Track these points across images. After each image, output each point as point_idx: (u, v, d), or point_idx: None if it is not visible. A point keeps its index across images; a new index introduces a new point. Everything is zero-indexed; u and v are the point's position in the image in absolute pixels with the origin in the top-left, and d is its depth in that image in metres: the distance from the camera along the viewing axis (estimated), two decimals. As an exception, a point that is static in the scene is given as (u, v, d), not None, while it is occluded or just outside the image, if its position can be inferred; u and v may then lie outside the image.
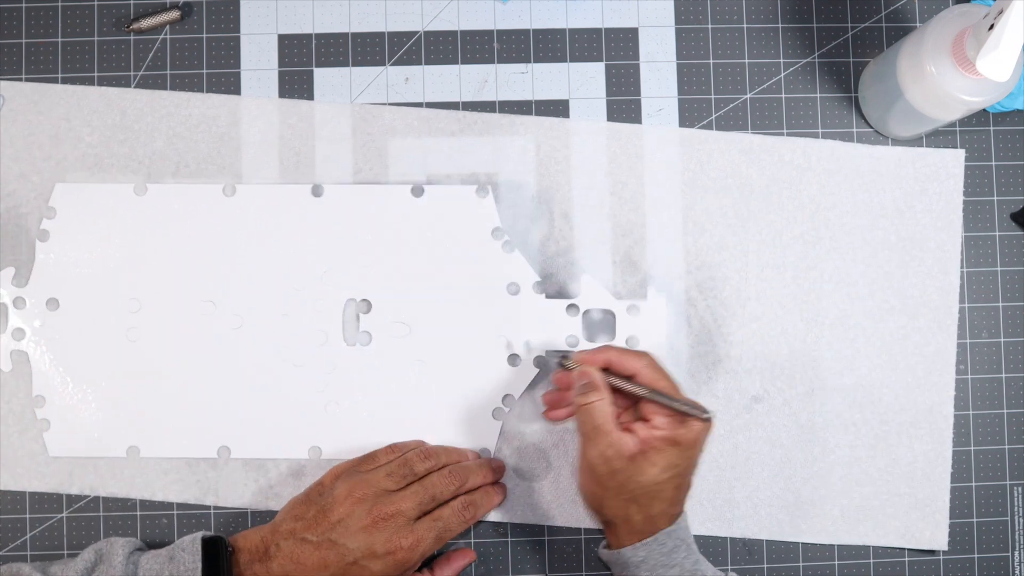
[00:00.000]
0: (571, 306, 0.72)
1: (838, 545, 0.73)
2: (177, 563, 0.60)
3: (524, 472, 0.72)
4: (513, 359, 0.72)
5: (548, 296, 0.72)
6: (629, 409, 0.67)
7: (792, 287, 0.73)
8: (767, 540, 0.73)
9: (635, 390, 0.64)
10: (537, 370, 0.72)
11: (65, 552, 0.72)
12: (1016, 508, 0.74)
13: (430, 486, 0.65)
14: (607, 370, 0.65)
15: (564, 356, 0.67)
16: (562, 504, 0.72)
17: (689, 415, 0.63)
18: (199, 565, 0.60)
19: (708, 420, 0.62)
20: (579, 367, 0.66)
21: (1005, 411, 0.74)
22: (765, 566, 0.73)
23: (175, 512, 0.72)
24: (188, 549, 0.61)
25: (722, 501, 0.72)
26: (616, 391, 0.65)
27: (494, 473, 0.70)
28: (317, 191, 0.73)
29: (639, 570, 0.62)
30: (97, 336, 0.72)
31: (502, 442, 0.72)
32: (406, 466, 0.66)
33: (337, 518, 0.63)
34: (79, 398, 0.72)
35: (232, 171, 0.73)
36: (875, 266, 0.73)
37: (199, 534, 0.62)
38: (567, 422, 0.71)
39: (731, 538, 0.73)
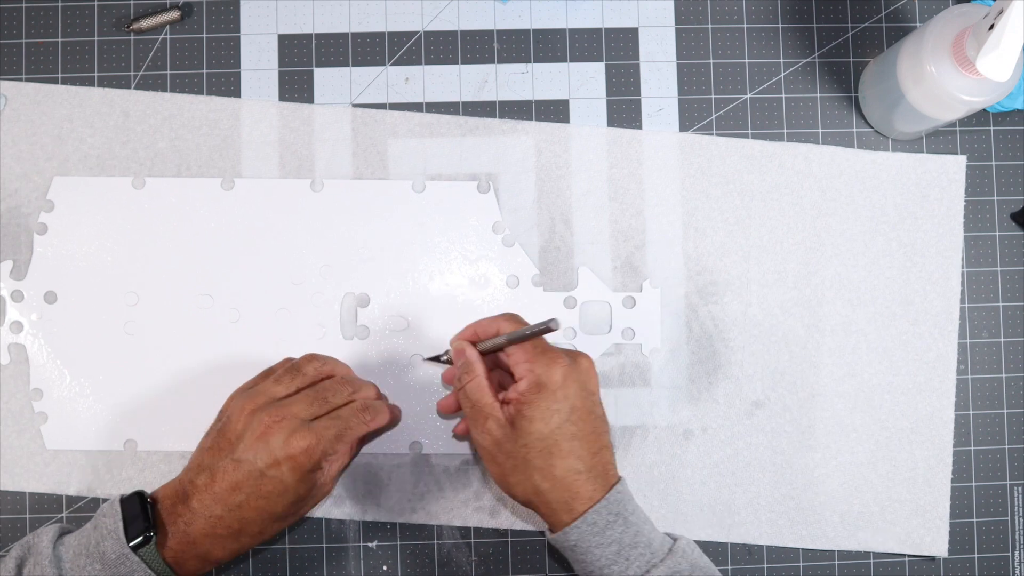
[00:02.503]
0: (568, 299, 0.72)
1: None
2: (100, 529, 0.59)
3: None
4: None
5: (546, 289, 0.73)
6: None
7: (793, 293, 0.73)
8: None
9: (493, 343, 0.63)
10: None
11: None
12: (1016, 508, 0.74)
13: (321, 389, 0.63)
14: (478, 343, 0.64)
15: (445, 352, 0.67)
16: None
17: (536, 333, 0.60)
18: (119, 525, 0.58)
19: (550, 327, 0.59)
20: (451, 349, 0.65)
21: (1005, 411, 0.74)
22: (765, 566, 0.73)
23: (175, 512, 0.72)
24: (108, 513, 0.59)
25: (722, 507, 0.72)
26: (492, 359, 0.64)
27: (385, 399, 0.69)
28: (316, 186, 0.73)
29: (575, 554, 0.61)
30: (95, 329, 0.72)
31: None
32: (294, 370, 0.64)
33: (235, 435, 0.61)
34: (77, 391, 0.72)
35: (233, 174, 0.73)
36: (876, 272, 0.73)
37: (117, 496, 0.61)
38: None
39: (731, 543, 0.73)
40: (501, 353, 0.64)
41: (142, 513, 0.59)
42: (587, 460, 0.60)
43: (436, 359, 0.70)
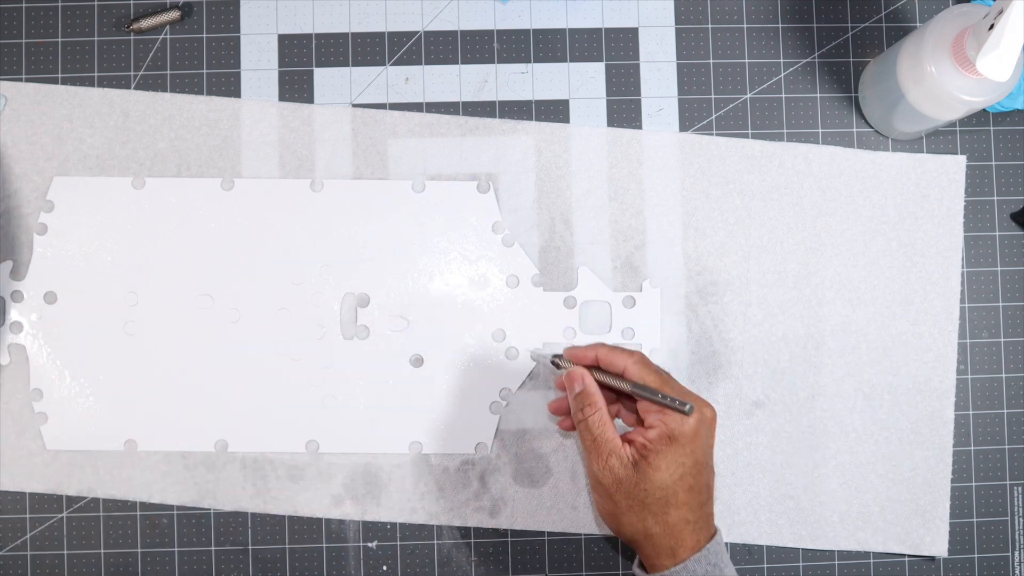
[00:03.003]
0: (568, 299, 0.72)
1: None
2: None
3: (523, 478, 0.72)
4: (511, 352, 0.72)
5: (546, 289, 0.73)
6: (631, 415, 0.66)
7: (793, 293, 0.73)
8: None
9: (621, 385, 0.63)
10: (534, 363, 0.72)
11: (65, 552, 0.72)
12: (1016, 508, 0.74)
13: None
14: (598, 368, 0.65)
15: (557, 356, 0.67)
16: (562, 510, 0.72)
17: (669, 407, 0.61)
18: None
19: (688, 411, 0.61)
20: (568, 368, 0.65)
21: (1005, 411, 0.74)
22: (765, 566, 0.73)
23: (175, 512, 0.72)
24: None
25: (722, 507, 0.72)
26: (608, 390, 0.65)
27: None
28: (316, 186, 0.73)
29: None
30: (95, 330, 0.72)
31: (500, 449, 0.72)
32: None
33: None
34: (77, 391, 0.72)
35: (232, 174, 0.73)
36: (876, 272, 0.73)
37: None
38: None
39: (731, 543, 0.73)
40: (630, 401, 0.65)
41: None
42: (697, 511, 0.61)
43: (553, 361, 0.68)
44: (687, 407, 0.61)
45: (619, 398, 0.66)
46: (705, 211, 0.74)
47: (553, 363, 0.67)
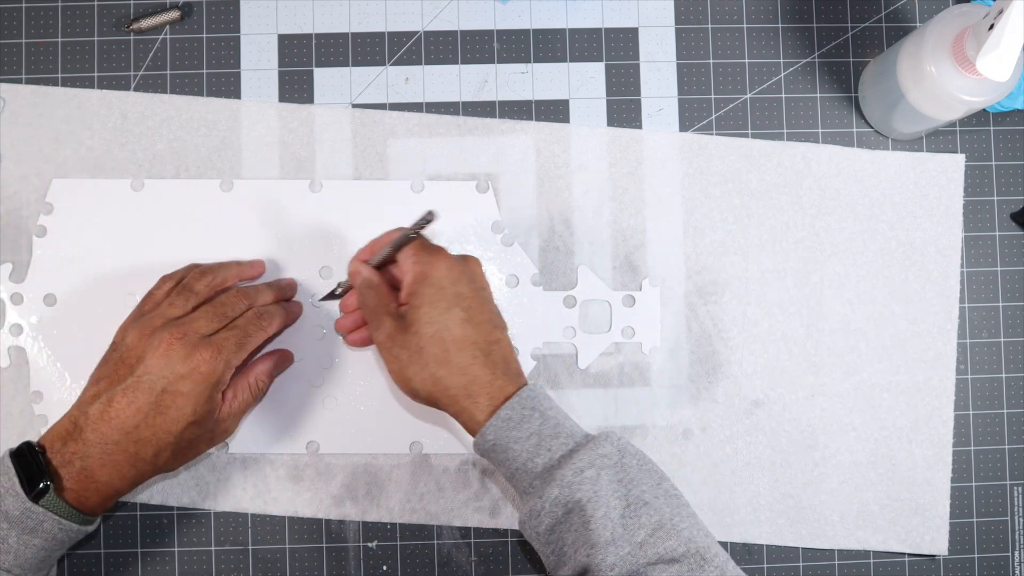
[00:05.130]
0: (568, 298, 0.73)
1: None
2: None
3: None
4: None
5: (546, 289, 0.73)
6: None
7: (792, 292, 0.73)
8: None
9: (382, 254, 0.64)
10: (535, 362, 0.72)
11: (65, 552, 0.72)
12: (1016, 508, 0.74)
13: (219, 304, 0.64)
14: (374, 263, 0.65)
15: (337, 285, 0.68)
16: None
17: (415, 227, 0.61)
18: (15, 481, 0.57)
19: (427, 218, 0.61)
20: (345, 285, 0.66)
21: (1005, 411, 0.74)
22: (765, 566, 0.73)
23: (175, 512, 0.72)
24: (1, 471, 0.58)
25: (722, 506, 0.72)
26: (390, 279, 0.65)
27: (283, 291, 0.69)
28: (315, 186, 0.73)
29: (495, 454, 0.60)
30: (95, 331, 0.71)
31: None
32: (187, 290, 0.65)
33: (135, 359, 0.61)
34: (77, 394, 0.71)
35: (232, 175, 0.73)
36: (875, 271, 0.73)
37: (5, 452, 0.60)
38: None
39: (732, 542, 0.73)
40: (395, 268, 0.64)
41: (33, 463, 0.58)
42: (483, 346, 0.60)
43: (331, 295, 0.70)
44: (428, 213, 0.61)
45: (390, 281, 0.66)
46: (704, 210, 0.74)
47: (336, 294, 0.68)
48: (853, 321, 0.73)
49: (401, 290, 0.62)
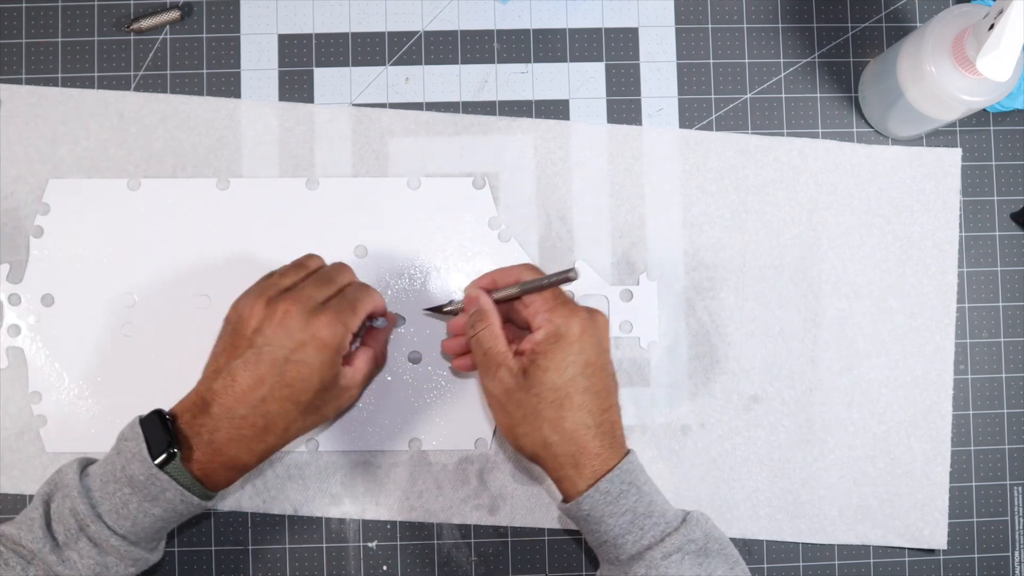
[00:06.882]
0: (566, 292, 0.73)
1: (838, 545, 0.73)
2: (124, 454, 0.58)
3: (522, 475, 0.72)
4: None
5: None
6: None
7: (790, 287, 0.73)
8: (767, 540, 0.73)
9: (508, 292, 0.62)
10: None
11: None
12: (1016, 508, 0.74)
13: (326, 273, 0.64)
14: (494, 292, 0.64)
15: (449, 302, 0.68)
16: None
17: (553, 284, 0.60)
18: (143, 446, 0.57)
19: (568, 276, 0.60)
20: (457, 307, 0.65)
21: (1005, 411, 0.74)
22: (765, 566, 0.73)
23: (175, 512, 0.72)
24: (130, 436, 0.58)
25: (721, 501, 0.72)
26: (505, 311, 0.64)
27: None
28: (311, 184, 0.73)
29: (588, 524, 0.60)
30: (92, 331, 0.72)
31: (499, 446, 0.72)
32: (298, 265, 0.65)
33: (252, 329, 0.60)
34: (75, 394, 0.72)
35: (229, 174, 0.73)
36: (872, 266, 0.73)
37: (136, 418, 0.60)
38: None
39: (731, 537, 0.73)
40: (519, 304, 0.63)
41: (163, 430, 0.58)
42: (596, 416, 0.60)
43: (438, 309, 0.69)
44: (571, 271, 0.59)
45: (511, 324, 0.65)
46: (701, 206, 0.74)
47: (444, 311, 0.68)
48: (851, 316, 0.73)
49: (526, 339, 0.61)
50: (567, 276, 0.60)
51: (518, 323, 0.65)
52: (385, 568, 0.73)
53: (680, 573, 0.57)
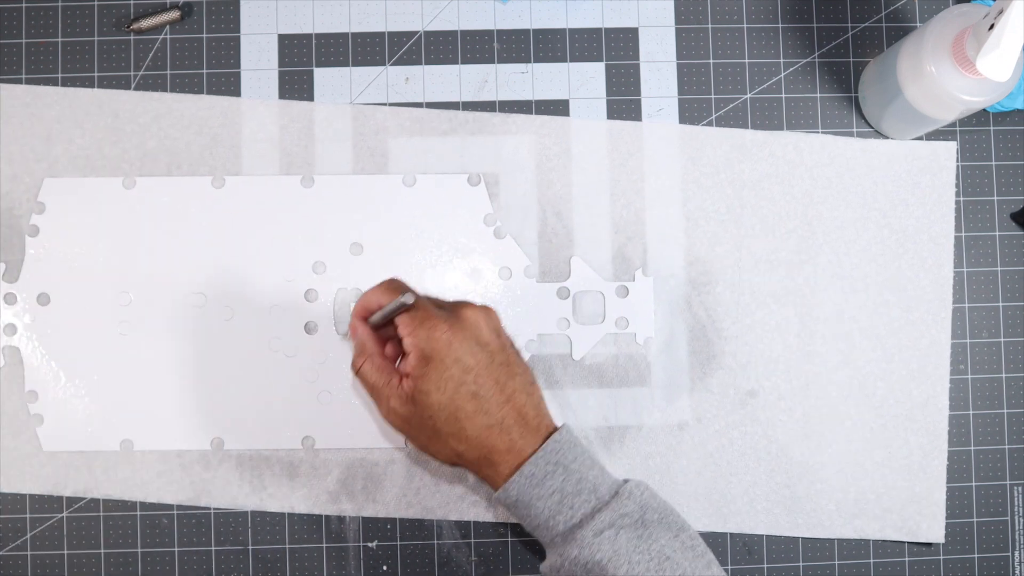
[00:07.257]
0: (562, 289, 0.73)
1: (838, 544, 0.73)
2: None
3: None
4: None
5: (539, 280, 0.73)
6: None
7: (786, 281, 0.73)
8: (766, 538, 0.73)
9: (373, 319, 0.61)
10: (528, 355, 0.72)
11: (65, 552, 0.72)
12: (1016, 508, 0.74)
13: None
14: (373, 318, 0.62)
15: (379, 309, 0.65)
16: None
17: (393, 312, 0.58)
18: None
19: (408, 301, 0.57)
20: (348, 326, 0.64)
21: (1005, 411, 0.74)
22: (765, 566, 0.73)
23: (175, 512, 0.72)
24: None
25: (718, 496, 0.72)
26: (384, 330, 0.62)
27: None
28: (307, 182, 0.73)
29: (518, 509, 0.60)
30: (88, 330, 0.72)
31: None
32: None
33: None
34: (72, 392, 0.72)
35: (226, 172, 0.73)
36: (868, 260, 0.73)
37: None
38: None
39: (731, 535, 0.73)
40: (394, 322, 0.61)
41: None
42: (496, 412, 0.59)
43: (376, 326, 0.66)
44: (405, 296, 0.57)
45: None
46: (697, 201, 0.74)
47: (377, 319, 0.65)
48: (846, 310, 0.73)
49: (403, 363, 0.60)
50: (402, 303, 0.58)
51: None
52: (385, 568, 0.72)
53: (616, 549, 0.57)
